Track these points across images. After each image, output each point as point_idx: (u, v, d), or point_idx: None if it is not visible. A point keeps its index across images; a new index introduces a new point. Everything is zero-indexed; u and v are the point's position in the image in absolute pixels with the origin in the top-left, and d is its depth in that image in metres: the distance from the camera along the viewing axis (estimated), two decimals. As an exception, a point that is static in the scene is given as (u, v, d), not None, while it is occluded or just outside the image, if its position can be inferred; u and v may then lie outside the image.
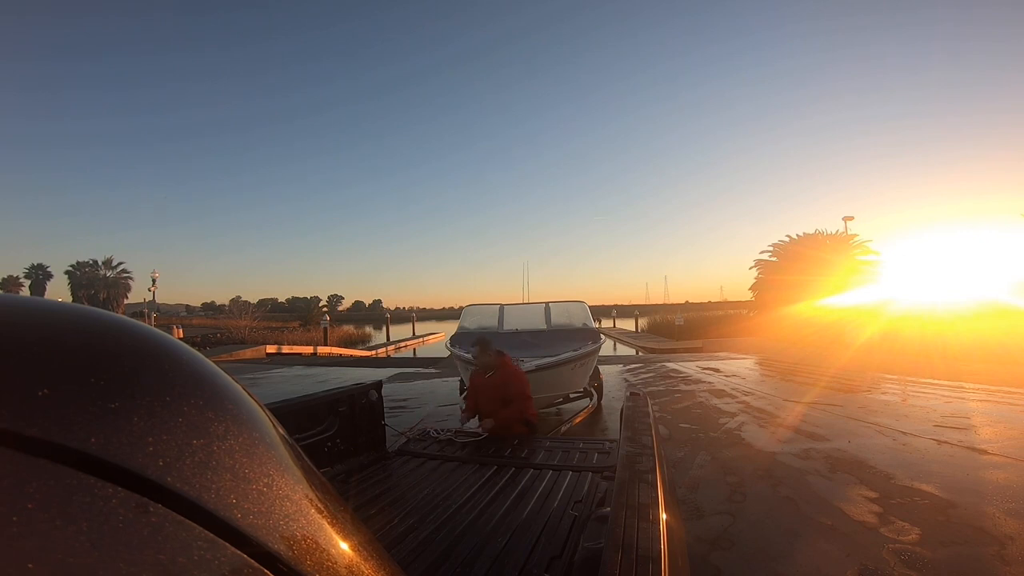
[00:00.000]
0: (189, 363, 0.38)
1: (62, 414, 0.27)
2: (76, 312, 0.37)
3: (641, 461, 1.52)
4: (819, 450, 4.33)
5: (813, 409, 6.11)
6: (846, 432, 4.92)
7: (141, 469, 0.28)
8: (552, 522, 1.83)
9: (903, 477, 3.58)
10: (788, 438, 4.81)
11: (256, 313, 35.48)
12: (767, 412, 6.04)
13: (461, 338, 6.78)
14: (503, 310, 7.40)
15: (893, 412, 5.80)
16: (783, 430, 5.13)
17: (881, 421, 5.33)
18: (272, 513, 0.34)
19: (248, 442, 0.36)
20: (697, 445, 4.66)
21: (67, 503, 0.25)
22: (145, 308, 21.19)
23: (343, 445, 2.72)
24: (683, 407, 6.45)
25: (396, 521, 1.88)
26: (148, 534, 0.27)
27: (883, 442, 4.53)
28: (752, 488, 3.50)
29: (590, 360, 6.00)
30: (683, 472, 3.89)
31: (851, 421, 5.40)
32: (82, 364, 0.31)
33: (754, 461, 4.11)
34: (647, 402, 2.51)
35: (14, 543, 0.22)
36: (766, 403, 6.61)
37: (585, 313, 7.34)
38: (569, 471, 2.43)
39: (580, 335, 6.50)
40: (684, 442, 4.76)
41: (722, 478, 3.74)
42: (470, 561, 1.56)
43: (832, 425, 5.24)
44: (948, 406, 6.01)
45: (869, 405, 6.29)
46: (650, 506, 1.16)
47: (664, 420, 5.63)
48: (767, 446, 4.57)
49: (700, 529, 2.86)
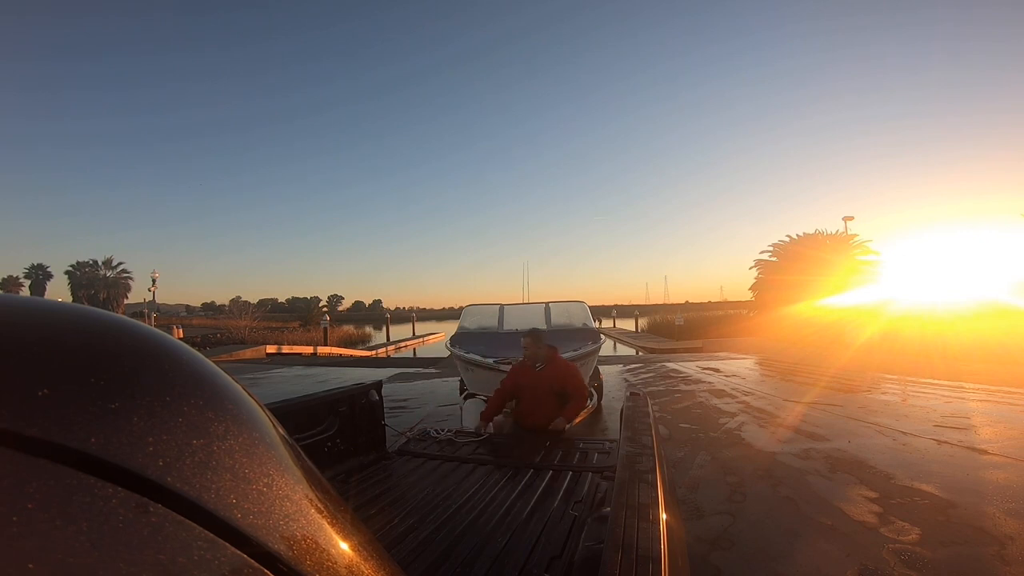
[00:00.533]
0: (189, 363, 0.38)
1: (62, 414, 0.27)
2: (76, 312, 0.37)
3: (641, 461, 1.52)
4: (819, 450, 4.34)
5: (813, 409, 6.11)
6: (846, 432, 4.92)
7: (141, 469, 0.28)
8: (552, 522, 1.83)
9: (903, 477, 3.58)
10: (788, 438, 4.82)
11: (256, 313, 35.37)
12: (767, 412, 6.04)
13: (461, 338, 6.67)
14: (503, 310, 7.39)
15: (893, 412, 5.81)
16: (783, 430, 5.13)
17: (881, 421, 5.33)
18: (272, 513, 0.34)
19: (248, 442, 0.36)
20: (697, 445, 4.67)
21: (67, 503, 0.25)
22: (145, 308, 21.18)
23: (343, 445, 2.71)
24: (683, 407, 6.45)
25: (396, 521, 1.88)
26: (148, 534, 0.27)
27: (883, 442, 4.54)
28: (752, 488, 3.50)
29: (590, 360, 6.00)
30: (683, 472, 3.90)
31: (851, 421, 5.40)
32: (82, 364, 0.31)
33: (754, 461, 4.11)
34: (647, 402, 2.51)
35: (14, 543, 0.22)
36: (766, 403, 6.61)
37: (585, 313, 7.36)
38: (569, 471, 2.43)
39: (580, 335, 6.51)
40: (684, 442, 4.77)
41: (722, 478, 3.75)
42: (470, 561, 1.55)
43: (832, 425, 5.24)
44: (948, 406, 6.01)
45: (869, 405, 6.29)
46: (650, 506, 1.16)
47: (664, 420, 5.63)
48: (767, 446, 4.57)
49: (700, 529, 2.86)
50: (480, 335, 6.81)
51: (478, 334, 6.88)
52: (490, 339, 6.50)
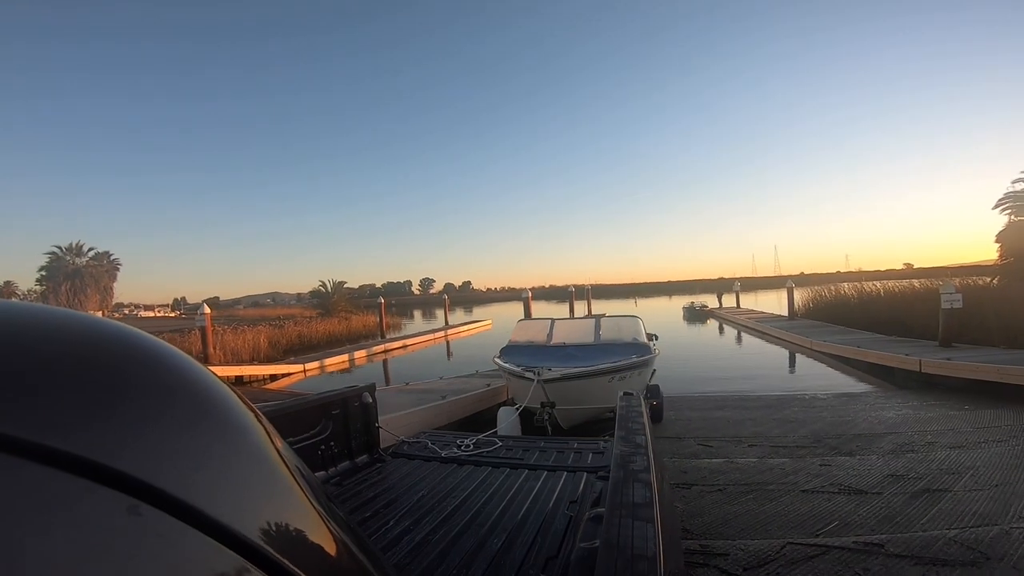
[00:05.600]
0: (181, 367, 0.38)
1: (54, 417, 0.28)
2: (67, 316, 0.37)
3: (635, 460, 1.55)
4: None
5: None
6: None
7: (133, 471, 0.28)
8: (547, 522, 1.85)
9: None
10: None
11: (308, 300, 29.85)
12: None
13: (509, 350, 6.57)
14: (553, 324, 7.12)
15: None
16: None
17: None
18: (266, 516, 0.35)
19: (241, 445, 0.37)
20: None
21: (59, 506, 0.25)
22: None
23: (337, 448, 2.67)
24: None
25: (392, 523, 1.89)
26: (141, 537, 0.27)
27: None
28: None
29: (632, 374, 5.52)
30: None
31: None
32: (74, 367, 0.32)
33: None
34: (640, 401, 2.50)
35: (7, 546, 0.22)
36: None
37: (636, 328, 6.72)
38: (564, 471, 2.45)
39: (627, 350, 6.03)
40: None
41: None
42: (466, 562, 1.57)
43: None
44: None
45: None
46: (644, 505, 1.17)
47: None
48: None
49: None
50: (526, 348, 6.66)
51: (525, 347, 6.68)
52: (535, 352, 6.37)
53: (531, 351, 6.42)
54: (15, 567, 0.22)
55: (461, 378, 7.95)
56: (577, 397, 4.91)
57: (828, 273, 48.05)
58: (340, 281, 31.83)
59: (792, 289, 16.94)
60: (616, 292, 73.92)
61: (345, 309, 27.65)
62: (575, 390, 4.88)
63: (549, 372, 4.83)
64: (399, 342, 17.21)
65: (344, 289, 31.38)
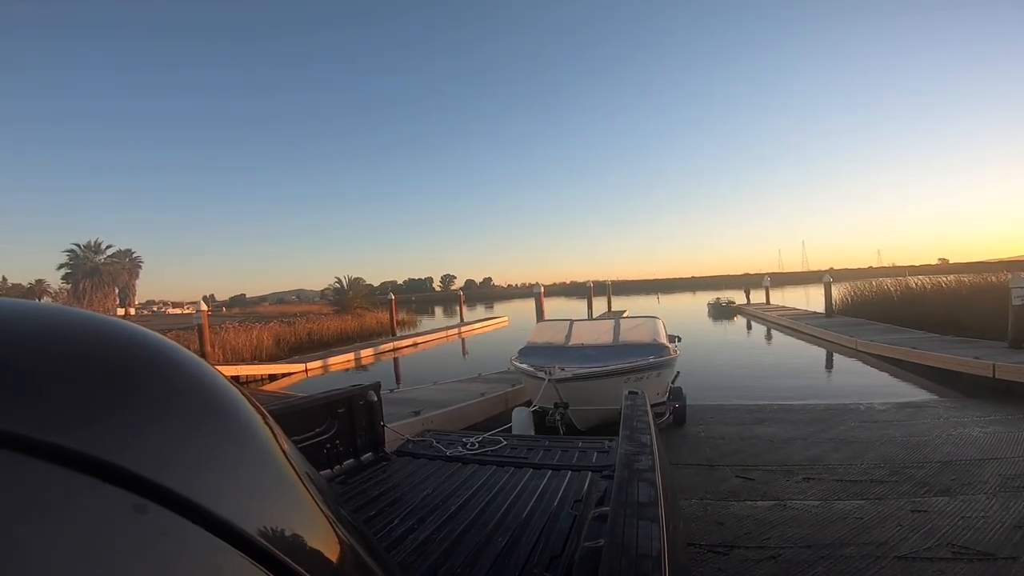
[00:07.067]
0: (188, 366, 0.38)
1: (60, 415, 0.28)
2: (75, 316, 0.37)
3: (640, 460, 1.53)
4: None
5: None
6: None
7: (140, 470, 0.28)
8: (552, 521, 1.83)
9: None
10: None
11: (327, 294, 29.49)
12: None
13: (527, 351, 6.47)
14: (572, 325, 6.97)
15: None
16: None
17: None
18: (271, 514, 0.34)
19: (247, 445, 0.37)
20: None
21: (66, 504, 0.25)
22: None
23: (342, 446, 2.65)
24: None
25: (396, 522, 1.88)
26: (147, 535, 0.27)
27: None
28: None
29: (650, 375, 5.28)
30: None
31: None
32: (81, 366, 0.32)
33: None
34: (645, 400, 2.48)
35: (13, 543, 0.22)
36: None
37: (655, 329, 6.50)
38: (569, 470, 2.41)
39: (645, 351, 5.87)
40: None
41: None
42: (471, 561, 1.55)
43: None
44: None
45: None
46: (649, 505, 1.16)
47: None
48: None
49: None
50: (544, 349, 6.55)
51: (543, 348, 6.58)
52: (553, 353, 6.24)
53: (549, 352, 6.27)
54: (21, 563, 0.22)
55: (460, 382, 7.29)
56: (591, 398, 4.80)
57: (860, 268, 45.62)
58: (356, 277, 31.83)
59: (830, 284, 15.62)
60: (638, 288, 72.22)
61: (360, 306, 27.55)
62: (589, 390, 4.79)
63: (561, 372, 4.75)
64: (409, 340, 16.65)
65: (362, 285, 31.25)
